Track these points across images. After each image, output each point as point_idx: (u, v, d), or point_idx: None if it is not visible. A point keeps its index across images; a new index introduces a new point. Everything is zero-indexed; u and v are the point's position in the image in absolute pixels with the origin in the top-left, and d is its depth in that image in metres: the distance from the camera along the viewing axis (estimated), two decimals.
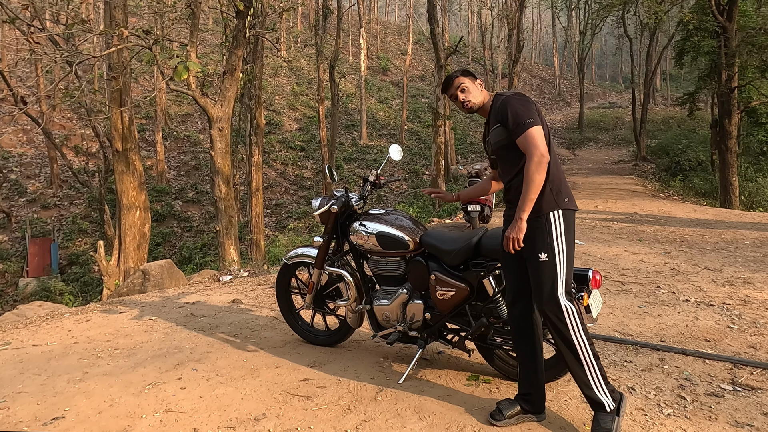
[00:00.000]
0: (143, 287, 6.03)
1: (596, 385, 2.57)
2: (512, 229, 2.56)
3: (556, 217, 2.57)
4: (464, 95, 2.79)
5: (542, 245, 2.55)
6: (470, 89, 2.79)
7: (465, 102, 2.79)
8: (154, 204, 21.23)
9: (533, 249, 2.58)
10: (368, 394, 3.09)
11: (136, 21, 29.64)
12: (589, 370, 2.56)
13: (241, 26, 8.86)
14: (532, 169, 2.51)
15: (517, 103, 2.61)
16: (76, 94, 12.23)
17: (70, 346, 4.01)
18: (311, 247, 3.79)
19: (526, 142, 2.54)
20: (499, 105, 2.67)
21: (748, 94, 17.68)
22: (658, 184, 18.67)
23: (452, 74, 2.84)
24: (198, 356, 3.72)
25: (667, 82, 48.68)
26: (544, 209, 2.57)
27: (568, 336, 2.55)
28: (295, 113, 32.34)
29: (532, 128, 2.55)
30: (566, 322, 2.55)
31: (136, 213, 9.29)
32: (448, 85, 2.83)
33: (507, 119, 2.60)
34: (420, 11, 56.54)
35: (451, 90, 2.82)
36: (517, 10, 21.10)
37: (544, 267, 2.55)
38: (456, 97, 2.81)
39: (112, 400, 3.08)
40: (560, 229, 2.57)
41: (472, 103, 2.79)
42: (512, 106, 2.60)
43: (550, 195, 2.58)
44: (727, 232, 8.72)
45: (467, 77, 2.82)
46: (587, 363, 2.56)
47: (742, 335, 3.98)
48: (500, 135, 2.66)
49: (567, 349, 2.58)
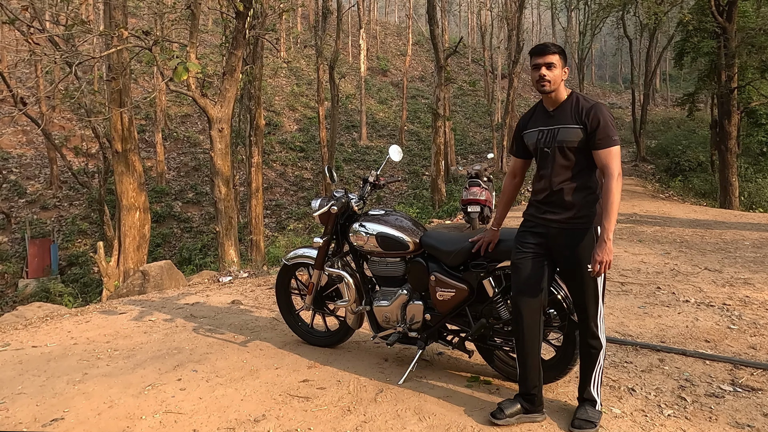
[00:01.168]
0: (143, 288, 6.03)
1: (595, 384, 2.77)
2: (602, 252, 2.51)
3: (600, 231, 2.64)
4: (548, 73, 2.62)
5: (590, 257, 2.59)
6: (556, 71, 2.64)
7: (544, 79, 2.62)
8: (154, 205, 21.23)
9: (586, 259, 2.60)
10: (368, 395, 3.09)
11: (135, 22, 29.67)
12: (597, 371, 2.76)
13: (240, 27, 8.87)
14: (615, 187, 2.51)
15: (609, 115, 2.59)
16: (75, 95, 12.24)
17: (70, 347, 4.01)
18: (311, 248, 3.78)
19: (610, 158, 2.54)
20: (588, 107, 2.59)
21: (748, 94, 17.69)
22: (657, 184, 18.68)
23: (550, 46, 2.66)
24: (198, 357, 3.71)
25: (667, 82, 48.69)
26: (596, 222, 2.62)
27: (599, 337, 2.73)
28: (295, 114, 32.35)
29: (618, 147, 2.57)
30: (599, 325, 2.71)
31: (135, 214, 9.29)
32: (541, 53, 2.65)
33: (597, 126, 2.54)
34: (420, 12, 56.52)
35: (540, 59, 2.64)
36: (516, 10, 21.13)
37: (590, 277, 2.62)
38: (539, 68, 2.63)
39: (112, 401, 3.08)
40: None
41: (550, 85, 2.63)
42: (606, 116, 2.56)
43: (598, 210, 2.63)
44: (726, 232, 8.72)
45: (562, 58, 2.66)
46: (600, 363, 2.75)
47: (742, 336, 3.97)
48: (576, 136, 2.60)
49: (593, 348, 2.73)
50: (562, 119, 2.65)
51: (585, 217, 2.63)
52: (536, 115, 2.79)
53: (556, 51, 2.64)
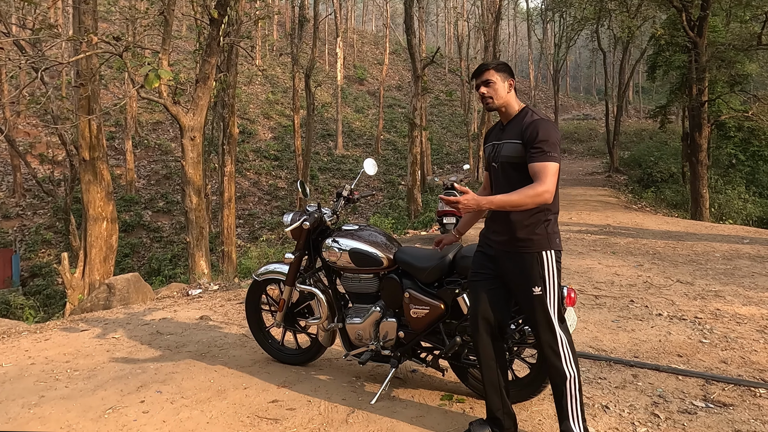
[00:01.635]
0: (108, 302, 5.82)
1: (573, 417, 2.58)
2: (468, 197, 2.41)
3: (549, 256, 2.56)
4: (487, 90, 2.61)
5: (536, 279, 2.53)
6: (497, 87, 2.60)
7: (485, 97, 2.62)
8: (123, 214, 20.76)
9: (527, 283, 2.55)
10: (339, 416, 3.00)
11: (107, 27, 29.16)
12: (572, 402, 2.57)
13: (215, 34, 8.74)
14: (532, 194, 2.41)
15: (551, 129, 2.52)
16: (42, 100, 11.89)
17: (27, 367, 3.82)
18: (282, 263, 3.69)
19: (543, 172, 2.45)
20: (530, 122, 2.54)
21: (718, 107, 18.15)
22: (630, 195, 19.00)
23: (486, 64, 2.66)
24: (162, 377, 3.57)
25: (640, 94, 49.90)
26: (538, 247, 2.54)
27: (560, 367, 2.55)
28: (270, 122, 32.11)
29: (554, 163, 2.48)
30: (560, 353, 2.56)
31: (102, 224, 9.02)
32: (478, 74, 2.66)
33: (534, 138, 2.48)
34: (397, 21, 56.94)
35: (478, 79, 2.65)
36: (493, 22, 21.38)
37: (538, 300, 2.54)
38: (479, 88, 2.65)
39: (69, 426, 2.93)
40: (553, 266, 2.57)
41: (494, 101, 2.62)
42: (545, 130, 2.49)
43: (545, 234, 2.56)
44: (698, 244, 8.87)
45: (500, 73, 2.62)
46: (572, 395, 2.56)
47: (714, 350, 4.00)
48: (517, 152, 2.55)
49: (557, 378, 2.57)
50: (510, 134, 2.61)
51: (527, 240, 2.54)
52: (494, 130, 2.78)
53: (491, 67, 2.63)
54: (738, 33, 17.43)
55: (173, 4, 8.98)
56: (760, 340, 4.18)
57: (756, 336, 4.29)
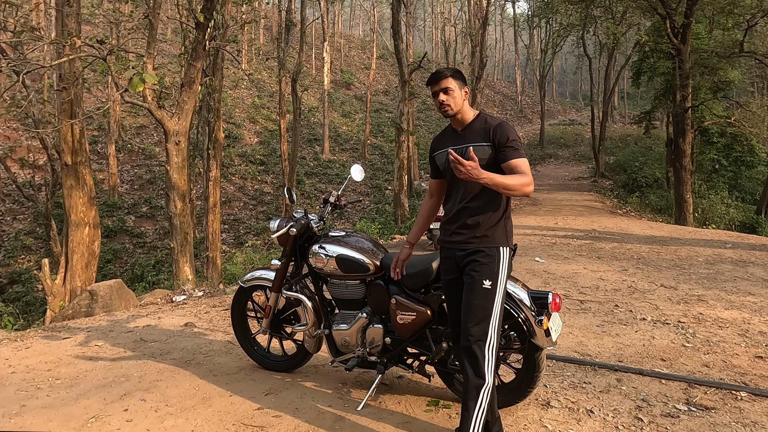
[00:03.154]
0: (90, 309, 5.73)
1: (475, 425, 2.47)
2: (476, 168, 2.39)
3: (504, 253, 2.61)
4: (447, 97, 2.64)
5: (489, 273, 2.56)
6: (455, 94, 2.64)
7: (444, 104, 2.64)
8: (106, 219, 20.47)
9: (479, 275, 2.56)
10: (326, 423, 2.98)
11: (90, 29, 28.87)
12: (479, 410, 2.47)
13: (200, 38, 8.68)
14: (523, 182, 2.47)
15: (514, 130, 2.62)
16: (23, 104, 11.72)
17: (7, 376, 3.75)
18: (268, 269, 3.67)
19: (524, 166, 2.52)
20: (496, 125, 2.60)
21: (701, 113, 18.44)
22: (616, 200, 19.20)
23: (443, 72, 2.67)
24: (146, 385, 3.52)
25: (625, 100, 50.52)
26: (498, 242, 2.60)
27: (482, 369, 2.48)
28: (256, 126, 31.96)
29: (526, 161, 2.57)
30: (485, 354, 2.49)
31: (84, 230, 8.89)
32: (435, 81, 2.67)
33: (506, 140, 2.55)
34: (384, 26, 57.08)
35: (436, 86, 2.67)
36: (480, 27, 21.54)
37: (486, 294, 2.54)
38: (437, 95, 2.66)
39: None
40: (506, 265, 2.61)
41: (452, 109, 2.65)
42: (512, 131, 2.60)
43: (504, 232, 2.63)
44: (681, 249, 8.98)
45: (457, 81, 2.66)
46: (482, 403, 2.47)
47: (696, 354, 4.05)
48: (485, 153, 2.58)
49: (475, 380, 2.48)
50: (472, 138, 2.65)
51: (487, 238, 2.60)
52: (446, 137, 2.81)
53: (449, 75, 2.65)
54: (721, 40, 17.77)
55: (158, 7, 8.93)
56: (742, 344, 4.24)
57: (737, 340, 4.35)
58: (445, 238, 2.76)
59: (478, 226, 2.61)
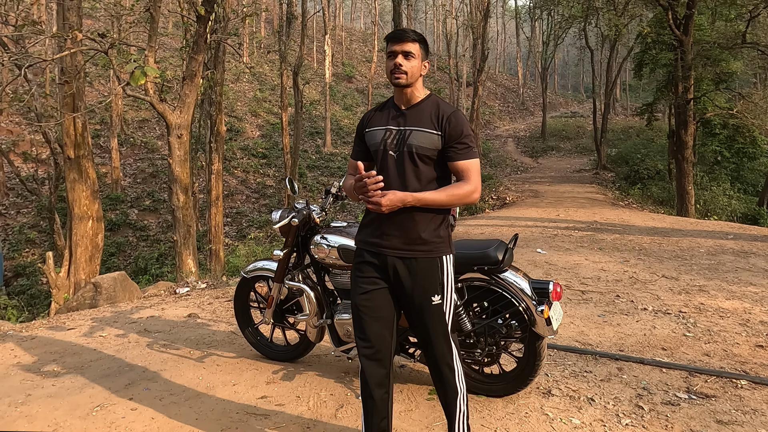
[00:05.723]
0: (94, 301, 5.77)
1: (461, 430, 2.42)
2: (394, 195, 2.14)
3: (448, 261, 2.33)
4: (405, 62, 2.23)
5: (434, 288, 2.28)
6: (414, 62, 2.25)
7: (400, 69, 2.23)
8: (109, 212, 20.52)
9: (426, 292, 2.27)
10: (328, 411, 3.02)
11: (91, 23, 28.81)
12: (461, 417, 2.40)
13: (201, 31, 8.67)
14: (462, 194, 2.20)
15: (467, 122, 2.29)
16: (25, 98, 11.74)
17: (13, 366, 3.79)
18: (271, 260, 3.69)
19: (472, 170, 2.23)
20: (450, 113, 2.24)
21: (703, 105, 18.35)
22: (617, 192, 19.16)
23: (410, 33, 2.26)
24: (151, 375, 3.56)
25: (627, 92, 50.28)
26: (439, 251, 2.29)
27: (453, 382, 2.37)
28: (258, 120, 31.95)
29: (477, 159, 2.26)
30: (454, 368, 2.36)
31: (88, 223, 8.93)
32: (399, 39, 2.25)
33: (459, 135, 2.22)
34: (386, 19, 56.90)
35: (397, 46, 2.24)
36: (481, 20, 21.46)
37: (436, 309, 2.29)
38: (395, 56, 2.24)
39: (57, 424, 2.91)
40: (450, 272, 2.34)
41: (406, 78, 2.24)
42: (467, 124, 2.26)
43: (447, 237, 2.34)
44: (683, 240, 8.98)
45: (422, 49, 2.28)
46: (461, 410, 2.39)
47: (697, 343, 4.07)
48: (432, 144, 2.23)
49: (450, 394, 2.38)
50: (418, 121, 2.26)
51: (429, 243, 2.26)
52: (384, 113, 2.37)
53: (416, 39, 2.26)
54: (723, 31, 17.67)
55: (159, 0, 8.91)
56: (742, 333, 4.26)
57: (738, 329, 4.36)
58: (370, 238, 2.33)
59: (420, 231, 2.24)
